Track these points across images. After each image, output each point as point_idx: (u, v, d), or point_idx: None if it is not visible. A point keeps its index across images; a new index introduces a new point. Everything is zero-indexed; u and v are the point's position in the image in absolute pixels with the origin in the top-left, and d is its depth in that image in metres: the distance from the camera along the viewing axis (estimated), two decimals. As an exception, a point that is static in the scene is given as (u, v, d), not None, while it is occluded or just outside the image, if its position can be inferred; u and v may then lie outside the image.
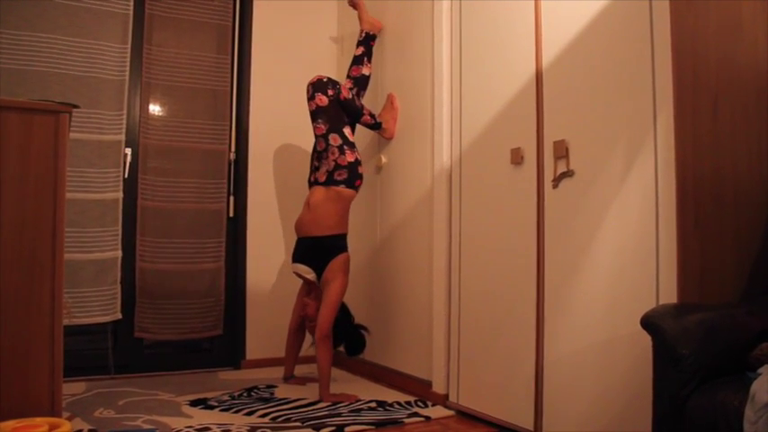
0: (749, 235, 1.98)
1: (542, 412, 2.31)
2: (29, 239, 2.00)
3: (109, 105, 3.34)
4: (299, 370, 3.38)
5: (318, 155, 3.20)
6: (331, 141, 3.12)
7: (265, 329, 3.70)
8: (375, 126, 3.39)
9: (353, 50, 3.59)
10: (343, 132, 3.15)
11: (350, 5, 3.67)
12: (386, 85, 3.54)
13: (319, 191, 3.16)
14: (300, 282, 3.29)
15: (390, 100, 3.44)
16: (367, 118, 3.33)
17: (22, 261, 1.99)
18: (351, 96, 3.24)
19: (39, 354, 2.00)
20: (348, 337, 3.23)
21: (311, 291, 3.21)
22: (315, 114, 3.16)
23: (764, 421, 1.29)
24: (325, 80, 3.19)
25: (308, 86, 3.19)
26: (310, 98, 3.17)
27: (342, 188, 3.11)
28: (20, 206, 2.00)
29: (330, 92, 3.16)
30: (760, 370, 1.47)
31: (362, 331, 3.25)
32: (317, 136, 3.17)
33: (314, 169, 3.26)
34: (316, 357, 2.99)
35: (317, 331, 3.00)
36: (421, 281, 3.13)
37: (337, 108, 3.18)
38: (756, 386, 1.37)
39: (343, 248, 3.14)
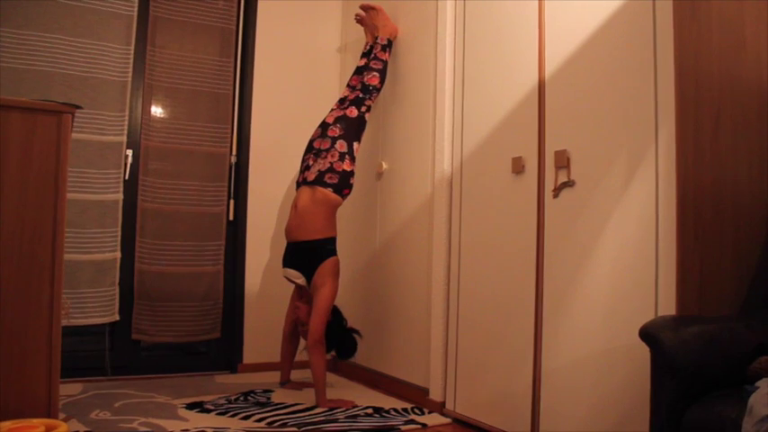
0: (749, 248, 1.99)
1: (539, 421, 2.31)
2: (29, 239, 2.00)
3: (111, 106, 3.35)
4: (298, 375, 3.37)
5: (316, 152, 3.20)
6: (336, 146, 3.13)
7: (263, 333, 3.69)
8: (390, 47, 3.44)
9: (357, 57, 3.58)
10: (351, 145, 3.18)
11: (366, 18, 3.55)
12: (387, 93, 3.54)
13: (306, 193, 3.14)
14: (293, 286, 3.29)
15: (367, 7, 3.49)
16: (379, 63, 3.37)
17: (21, 261, 1.99)
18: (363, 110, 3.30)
19: (37, 354, 2.00)
20: (340, 341, 3.20)
21: (303, 295, 3.21)
22: (337, 119, 3.23)
23: (762, 435, 1.29)
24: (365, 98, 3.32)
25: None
26: (344, 107, 3.26)
27: (329, 191, 3.10)
28: (20, 206, 2.00)
29: (366, 103, 3.28)
30: (758, 383, 1.47)
31: (355, 335, 3.22)
32: (324, 135, 3.18)
33: (304, 168, 3.24)
34: (309, 363, 2.98)
35: (308, 337, 2.99)
36: (420, 288, 3.13)
37: (360, 125, 3.25)
38: (754, 399, 1.37)
39: (332, 252, 3.12)
